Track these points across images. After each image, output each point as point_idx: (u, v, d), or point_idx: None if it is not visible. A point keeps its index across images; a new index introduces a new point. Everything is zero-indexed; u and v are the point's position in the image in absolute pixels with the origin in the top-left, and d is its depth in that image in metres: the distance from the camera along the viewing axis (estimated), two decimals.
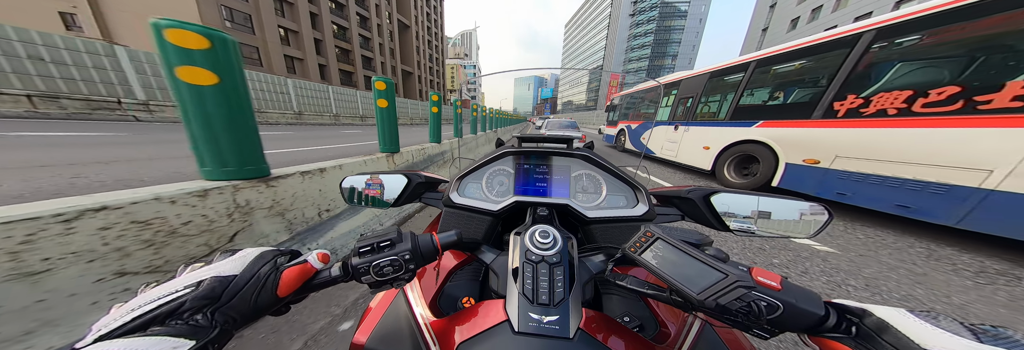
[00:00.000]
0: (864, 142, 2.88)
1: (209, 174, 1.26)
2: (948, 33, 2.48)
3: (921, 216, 2.49)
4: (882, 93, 2.79)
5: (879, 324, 0.26)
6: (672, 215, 0.64)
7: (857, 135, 2.95)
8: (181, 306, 0.25)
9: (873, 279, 1.91)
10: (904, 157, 2.59)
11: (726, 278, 0.29)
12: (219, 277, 0.28)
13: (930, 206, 2.44)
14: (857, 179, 2.94)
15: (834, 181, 3.13)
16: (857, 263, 2.12)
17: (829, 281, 1.87)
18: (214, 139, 1.22)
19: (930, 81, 2.51)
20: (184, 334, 0.24)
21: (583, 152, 0.68)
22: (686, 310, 0.34)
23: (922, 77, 2.57)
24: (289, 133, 10.03)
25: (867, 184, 2.86)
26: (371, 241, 0.36)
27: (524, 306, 0.34)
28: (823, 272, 1.98)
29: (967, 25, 2.37)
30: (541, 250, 0.39)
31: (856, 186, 2.95)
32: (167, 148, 5.27)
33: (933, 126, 2.45)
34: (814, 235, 0.51)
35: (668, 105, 6.83)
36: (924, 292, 1.78)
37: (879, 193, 2.77)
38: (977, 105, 2.24)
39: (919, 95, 2.54)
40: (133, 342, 0.21)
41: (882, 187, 2.74)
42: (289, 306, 0.34)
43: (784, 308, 0.28)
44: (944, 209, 2.36)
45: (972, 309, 1.65)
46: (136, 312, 0.24)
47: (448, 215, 0.65)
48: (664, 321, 0.49)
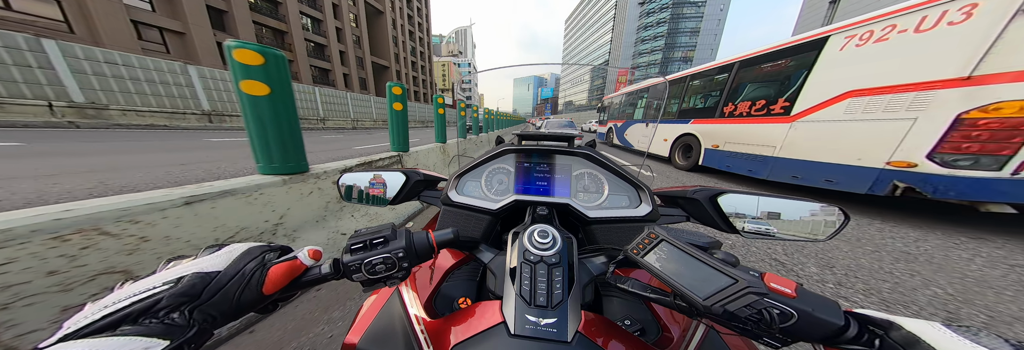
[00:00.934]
0: (735, 133, 4.67)
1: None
2: (757, 69, 4.30)
3: (755, 175, 4.27)
4: (742, 102, 4.58)
5: (908, 338, 0.23)
6: (676, 216, 0.63)
7: (733, 128, 4.73)
8: (157, 303, 0.24)
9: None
10: (748, 141, 4.39)
11: (736, 283, 0.28)
12: (201, 273, 0.27)
13: (758, 168, 4.22)
14: (732, 155, 4.73)
15: (725, 158, 4.92)
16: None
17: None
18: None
19: (756, 96, 4.31)
20: (157, 333, 0.23)
21: (585, 150, 0.67)
22: (691, 316, 0.33)
23: (753, 93, 4.37)
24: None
25: (736, 158, 4.64)
26: (364, 238, 0.35)
27: (521, 308, 0.33)
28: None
29: (763, 66, 4.20)
30: (540, 250, 0.39)
31: (732, 160, 4.74)
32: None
33: (756, 123, 4.25)
34: (829, 238, 0.48)
35: (643, 107, 8.60)
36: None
37: (740, 163, 4.56)
38: (770, 111, 4.03)
39: (752, 104, 4.34)
40: (99, 342, 0.20)
41: (741, 160, 4.53)
42: (276, 304, 0.32)
43: (799, 316, 0.26)
44: (763, 170, 4.14)
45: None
46: (107, 309, 0.23)
47: (446, 214, 0.64)
48: (667, 325, 0.47)
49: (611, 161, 0.66)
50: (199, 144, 7.11)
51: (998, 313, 1.47)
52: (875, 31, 2.93)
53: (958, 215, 3.07)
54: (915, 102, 2.56)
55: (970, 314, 1.46)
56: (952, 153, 2.34)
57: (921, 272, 1.86)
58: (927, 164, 2.45)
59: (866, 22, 2.99)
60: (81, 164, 4.03)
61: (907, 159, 2.57)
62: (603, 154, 0.68)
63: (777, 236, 0.52)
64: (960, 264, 1.96)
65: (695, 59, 76.47)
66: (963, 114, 2.27)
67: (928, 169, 2.45)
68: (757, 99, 4.26)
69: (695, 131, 5.75)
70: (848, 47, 3.18)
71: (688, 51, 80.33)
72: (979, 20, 2.25)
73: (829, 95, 3.28)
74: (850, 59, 3.15)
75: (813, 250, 2.13)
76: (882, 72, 2.82)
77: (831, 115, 3.26)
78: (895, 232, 2.54)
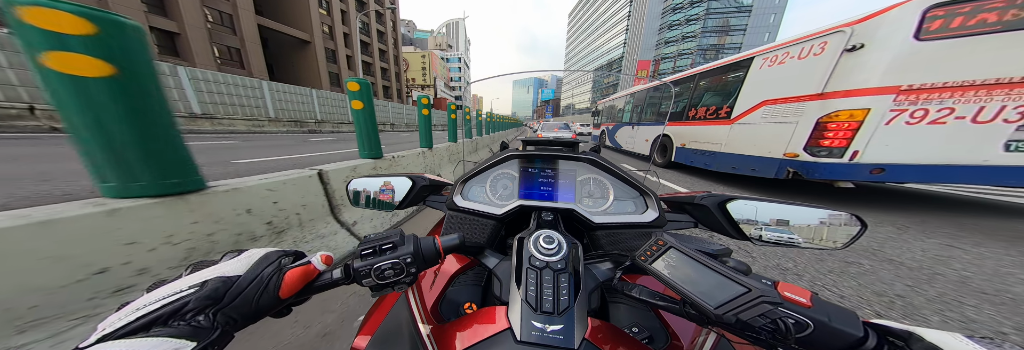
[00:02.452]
0: (695, 133, 5.64)
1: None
2: (713, 79, 5.30)
3: (709, 167, 5.22)
4: (701, 107, 5.57)
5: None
6: (684, 222, 0.62)
7: (695, 130, 5.70)
8: (184, 306, 0.25)
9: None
10: (703, 140, 5.36)
11: (748, 292, 0.28)
12: (223, 277, 0.28)
13: (709, 161, 5.18)
14: (694, 152, 5.70)
15: (690, 154, 5.89)
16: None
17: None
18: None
19: (710, 103, 5.29)
20: (186, 335, 0.24)
21: (589, 156, 0.68)
22: (701, 324, 0.33)
23: (709, 100, 5.36)
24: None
25: (697, 154, 5.62)
26: (373, 243, 0.35)
27: (527, 314, 0.33)
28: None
29: (711, 77, 5.24)
30: (545, 256, 0.39)
31: (693, 156, 5.72)
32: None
33: (710, 125, 5.23)
34: (845, 246, 0.47)
35: (629, 111, 9.59)
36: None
37: (699, 158, 5.54)
38: (718, 115, 5.01)
39: (708, 109, 5.33)
40: (136, 343, 0.22)
41: (700, 155, 5.50)
42: (290, 308, 0.34)
43: (815, 327, 0.26)
44: (713, 163, 5.09)
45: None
46: (140, 312, 0.24)
47: (451, 218, 0.65)
48: (676, 333, 0.47)
49: (616, 166, 0.66)
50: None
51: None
52: (779, 56, 3.91)
53: (820, 190, 4.26)
54: (797, 110, 3.53)
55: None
56: (816, 146, 3.31)
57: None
58: (803, 155, 3.42)
59: (774, 48, 3.99)
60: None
61: (793, 151, 3.53)
62: (607, 159, 0.68)
63: (795, 244, 0.50)
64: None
65: (744, 45, 60.41)
66: (821, 118, 3.24)
67: (805, 158, 3.41)
68: (710, 105, 5.24)
69: (670, 132, 6.72)
70: (764, 66, 4.16)
71: (731, 35, 62.17)
72: (827, 53, 3.24)
73: (753, 103, 4.25)
74: (765, 76, 4.13)
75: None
76: (782, 87, 3.80)
77: (754, 119, 4.23)
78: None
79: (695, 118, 5.69)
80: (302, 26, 24.76)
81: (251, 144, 8.30)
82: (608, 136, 11.77)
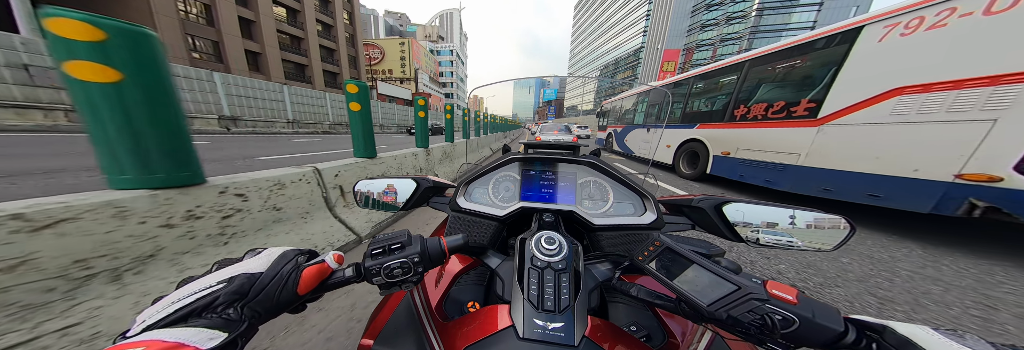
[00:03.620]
0: (749, 138, 4.14)
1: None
2: (772, 66, 3.80)
3: (774, 186, 3.72)
4: (754, 104, 4.07)
5: (901, 341, 0.25)
6: (682, 224, 0.63)
7: (748, 133, 4.21)
8: (215, 300, 0.27)
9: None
10: (764, 147, 3.85)
11: (738, 290, 0.29)
12: (248, 274, 0.30)
13: (776, 178, 3.68)
14: (746, 164, 4.19)
15: (739, 167, 4.38)
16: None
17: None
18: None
19: (770, 97, 3.80)
20: (219, 327, 0.26)
21: (589, 159, 0.69)
22: (696, 321, 0.34)
23: (769, 94, 3.86)
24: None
25: (751, 167, 4.10)
26: (383, 243, 0.37)
27: (529, 312, 0.35)
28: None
29: (776, 62, 3.74)
30: (546, 256, 0.40)
31: (745, 169, 4.19)
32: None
33: (772, 127, 3.72)
34: (835, 248, 0.48)
35: (643, 111, 8.11)
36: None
37: (755, 173, 4.01)
38: (790, 114, 3.51)
39: (767, 106, 3.82)
40: (178, 332, 0.24)
41: (758, 168, 3.98)
42: (305, 304, 0.35)
43: (800, 322, 0.28)
44: (783, 180, 3.59)
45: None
46: (177, 305, 0.26)
47: (454, 220, 0.66)
48: (672, 331, 0.48)
49: (616, 170, 0.68)
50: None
51: None
52: (926, 16, 2.43)
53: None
54: (990, 99, 2.04)
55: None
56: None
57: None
58: (1014, 178, 1.91)
59: (909, 8, 2.50)
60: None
61: (984, 172, 2.03)
62: (607, 162, 0.69)
63: (787, 246, 0.51)
64: None
65: (819, 24, 46.02)
66: None
67: (1016, 184, 1.91)
68: (776, 100, 3.73)
69: (702, 136, 5.22)
70: (888, 36, 2.67)
71: (796, 13, 47.08)
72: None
73: (869, 93, 2.75)
74: (893, 52, 2.64)
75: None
76: (943, 65, 2.30)
77: (872, 117, 2.72)
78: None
79: (747, 118, 4.20)
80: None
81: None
82: (616, 140, 10.23)
